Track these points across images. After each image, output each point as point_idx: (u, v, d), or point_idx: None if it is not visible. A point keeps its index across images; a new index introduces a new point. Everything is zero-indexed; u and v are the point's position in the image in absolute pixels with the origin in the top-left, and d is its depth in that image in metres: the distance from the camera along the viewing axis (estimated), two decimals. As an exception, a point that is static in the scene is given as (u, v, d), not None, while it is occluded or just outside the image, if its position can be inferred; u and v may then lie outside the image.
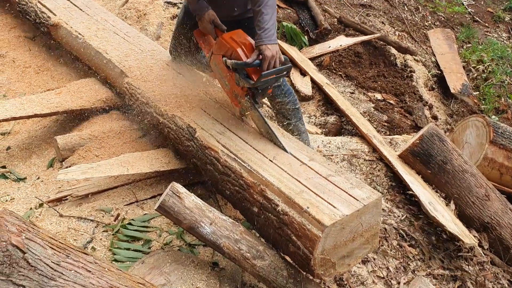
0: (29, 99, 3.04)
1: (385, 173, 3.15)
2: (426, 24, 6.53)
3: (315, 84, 4.32)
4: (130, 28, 3.64)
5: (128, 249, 2.27)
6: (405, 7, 6.62)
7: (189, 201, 1.99)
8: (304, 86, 4.27)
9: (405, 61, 5.20)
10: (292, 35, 5.00)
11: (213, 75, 2.89)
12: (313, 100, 4.21)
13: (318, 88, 4.29)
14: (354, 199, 1.97)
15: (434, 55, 5.82)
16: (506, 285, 2.86)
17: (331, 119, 3.89)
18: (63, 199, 2.57)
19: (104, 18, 3.69)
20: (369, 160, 3.22)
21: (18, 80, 3.63)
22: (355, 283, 2.48)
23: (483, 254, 2.87)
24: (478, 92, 5.45)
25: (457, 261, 2.83)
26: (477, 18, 7.17)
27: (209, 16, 2.46)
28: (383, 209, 2.90)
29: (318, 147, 3.27)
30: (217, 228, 1.98)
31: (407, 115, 4.38)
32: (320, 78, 4.37)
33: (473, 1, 7.65)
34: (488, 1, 7.68)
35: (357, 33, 5.33)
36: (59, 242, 1.48)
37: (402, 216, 2.94)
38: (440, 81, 5.41)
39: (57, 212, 2.45)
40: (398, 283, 2.58)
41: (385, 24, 5.94)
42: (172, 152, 2.73)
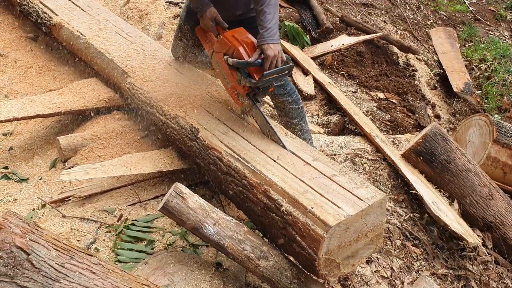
0: (31, 100, 3.04)
1: (388, 173, 3.14)
2: (428, 23, 6.52)
3: (318, 84, 4.32)
4: (132, 28, 3.64)
5: (131, 250, 2.27)
6: (407, 6, 6.60)
7: (193, 202, 1.98)
8: (307, 86, 4.26)
9: (408, 60, 5.18)
10: (294, 35, 5.00)
11: (215, 73, 2.88)
12: (316, 100, 4.20)
13: (321, 88, 4.28)
14: (359, 199, 1.96)
15: (436, 54, 5.81)
16: (510, 285, 2.85)
17: (334, 119, 3.88)
18: (66, 200, 2.56)
19: (106, 18, 3.68)
20: (372, 160, 3.22)
21: (20, 81, 3.62)
22: (359, 283, 2.47)
23: (487, 254, 2.86)
24: (481, 91, 5.44)
25: (461, 261, 2.82)
26: (479, 17, 7.16)
27: (211, 13, 2.46)
28: (387, 209, 2.89)
29: (321, 147, 3.27)
30: (221, 229, 1.98)
31: (410, 114, 4.37)
32: (323, 78, 4.36)
33: (475, 0, 7.63)
34: (490, 0, 7.66)
35: (359, 32, 5.32)
36: (63, 244, 1.47)
37: (406, 216, 2.93)
38: (443, 80, 5.40)
39: (60, 213, 2.44)
40: (402, 283, 2.57)
41: (387, 23, 5.93)
42: (175, 152, 2.73)
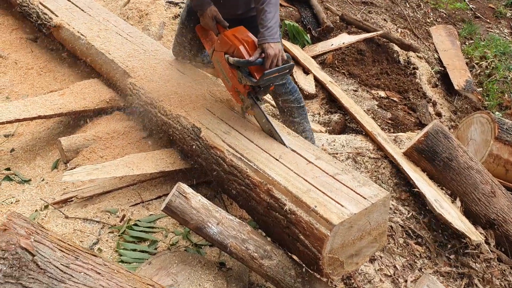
0: (32, 101, 3.03)
1: (390, 171, 3.14)
2: (428, 21, 6.52)
3: (318, 82, 4.32)
4: (133, 28, 3.63)
5: (135, 250, 2.26)
6: (407, 4, 6.60)
7: (196, 201, 1.98)
8: (308, 85, 4.26)
9: (408, 58, 5.18)
10: (295, 34, 4.99)
11: (215, 72, 2.88)
12: (317, 98, 4.20)
13: (322, 86, 4.28)
14: (362, 198, 1.96)
15: (437, 52, 5.81)
16: (513, 282, 2.86)
17: (335, 117, 3.88)
18: (68, 201, 2.56)
19: (106, 19, 3.68)
20: (374, 158, 3.21)
21: (21, 82, 3.62)
22: (362, 282, 2.47)
23: (490, 251, 2.86)
24: (482, 88, 5.44)
25: (464, 259, 2.82)
26: (479, 14, 7.15)
27: (211, 12, 2.45)
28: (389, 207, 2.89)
29: (323, 146, 3.27)
30: (224, 228, 1.98)
31: (411, 112, 4.37)
32: (323, 76, 4.36)
33: (475, -3, 7.63)
34: (490, -3, 7.66)
35: (360, 31, 5.32)
36: (68, 244, 1.48)
37: (408, 214, 2.93)
38: (444, 78, 5.39)
39: (63, 214, 2.44)
40: (405, 281, 2.57)
41: (387, 21, 5.93)
42: (177, 152, 2.72)
